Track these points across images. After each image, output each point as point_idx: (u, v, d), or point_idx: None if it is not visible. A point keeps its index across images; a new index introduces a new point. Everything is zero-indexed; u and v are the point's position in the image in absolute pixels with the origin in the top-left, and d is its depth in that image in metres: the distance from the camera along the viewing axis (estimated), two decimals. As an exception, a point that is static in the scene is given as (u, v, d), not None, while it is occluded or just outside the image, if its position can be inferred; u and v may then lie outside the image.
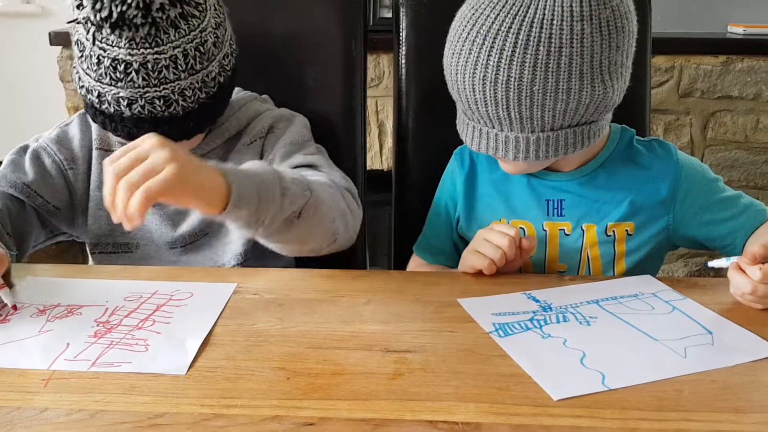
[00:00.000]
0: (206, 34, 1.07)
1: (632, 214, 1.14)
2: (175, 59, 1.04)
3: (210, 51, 1.08)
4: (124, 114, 1.06)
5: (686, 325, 0.90)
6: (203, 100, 1.10)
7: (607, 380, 0.76)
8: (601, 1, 0.95)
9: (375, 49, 2.32)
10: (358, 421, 0.70)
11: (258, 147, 1.24)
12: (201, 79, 1.08)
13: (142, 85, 1.03)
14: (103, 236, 1.23)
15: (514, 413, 0.71)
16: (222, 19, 1.13)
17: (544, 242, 1.17)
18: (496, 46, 0.96)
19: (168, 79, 1.04)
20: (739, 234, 1.14)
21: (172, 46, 1.03)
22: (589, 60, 0.96)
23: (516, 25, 0.95)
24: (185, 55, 1.05)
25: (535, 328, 0.88)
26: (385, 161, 2.50)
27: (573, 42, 0.95)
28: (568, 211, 1.16)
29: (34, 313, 0.91)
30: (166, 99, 1.05)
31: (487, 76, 0.97)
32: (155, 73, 1.03)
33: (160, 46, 1.02)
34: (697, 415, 0.71)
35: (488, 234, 1.06)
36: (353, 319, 0.91)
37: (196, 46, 1.06)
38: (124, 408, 0.72)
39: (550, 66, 0.95)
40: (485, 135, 1.04)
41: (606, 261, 1.15)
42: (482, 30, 0.97)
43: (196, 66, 1.07)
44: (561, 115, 0.99)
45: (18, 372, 0.79)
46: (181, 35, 1.04)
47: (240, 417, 0.70)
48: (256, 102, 1.30)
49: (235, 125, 1.24)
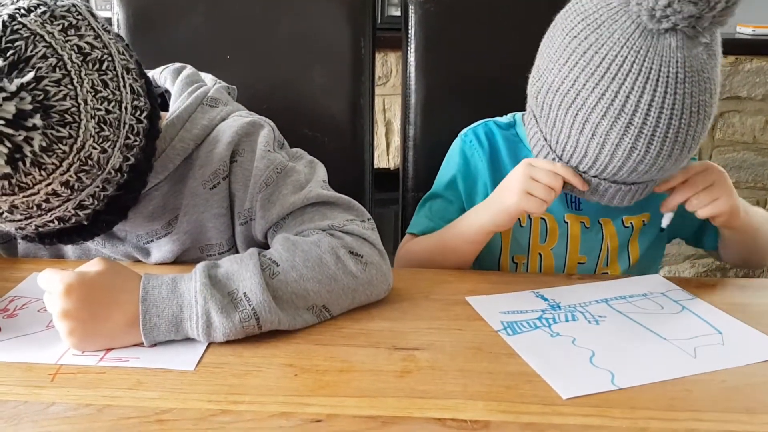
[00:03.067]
0: (87, 149, 0.79)
1: (646, 206, 1.14)
2: (54, 192, 0.80)
3: (98, 159, 0.81)
4: (19, 235, 0.90)
5: (696, 325, 0.89)
6: (113, 194, 0.88)
7: (617, 379, 0.76)
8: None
9: (382, 48, 2.32)
10: (366, 418, 0.70)
11: (224, 191, 1.01)
12: (100, 183, 0.84)
13: (23, 218, 0.82)
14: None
15: (524, 411, 0.71)
16: (111, 99, 0.82)
17: (566, 234, 1.16)
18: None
19: (53, 206, 0.82)
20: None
21: (44, 185, 0.78)
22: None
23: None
24: (65, 183, 0.80)
25: (543, 326, 0.88)
26: (391, 160, 2.50)
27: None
28: (585, 205, 1.16)
29: (41, 308, 0.91)
30: (60, 218, 0.84)
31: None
32: (33, 209, 0.81)
33: (27, 190, 0.77)
34: (707, 415, 0.71)
35: (536, 173, 1.00)
36: (360, 316, 0.91)
37: (77, 169, 0.80)
38: (132, 403, 0.72)
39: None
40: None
41: (622, 250, 1.16)
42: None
43: (86, 181, 0.82)
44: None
45: (25, 366, 0.78)
46: (50, 171, 0.77)
47: (247, 413, 0.70)
48: (201, 112, 1.03)
49: (180, 151, 0.99)
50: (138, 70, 0.89)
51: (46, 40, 0.76)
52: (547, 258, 1.15)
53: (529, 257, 1.16)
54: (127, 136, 0.85)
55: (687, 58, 0.89)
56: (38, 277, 0.83)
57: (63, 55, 0.77)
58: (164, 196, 1.00)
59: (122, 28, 1.42)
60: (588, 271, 1.17)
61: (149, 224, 1.02)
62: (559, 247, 1.16)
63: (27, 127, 0.73)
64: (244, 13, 1.30)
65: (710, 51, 0.91)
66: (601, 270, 1.17)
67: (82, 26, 0.81)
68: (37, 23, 0.76)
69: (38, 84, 0.74)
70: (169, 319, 0.81)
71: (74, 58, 0.78)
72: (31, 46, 0.74)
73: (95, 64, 0.80)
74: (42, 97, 0.74)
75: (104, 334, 0.81)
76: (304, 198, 0.97)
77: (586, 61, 0.92)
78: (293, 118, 1.35)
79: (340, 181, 1.08)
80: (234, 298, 0.82)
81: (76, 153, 0.78)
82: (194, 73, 1.10)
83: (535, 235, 1.15)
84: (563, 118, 0.96)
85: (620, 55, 0.90)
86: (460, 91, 1.43)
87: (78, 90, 0.77)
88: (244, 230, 1.02)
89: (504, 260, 1.17)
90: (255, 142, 1.02)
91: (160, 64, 1.13)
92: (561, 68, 0.95)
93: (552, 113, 0.98)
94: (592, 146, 0.95)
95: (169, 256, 1.03)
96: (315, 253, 0.88)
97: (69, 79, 0.77)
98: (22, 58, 0.74)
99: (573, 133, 0.96)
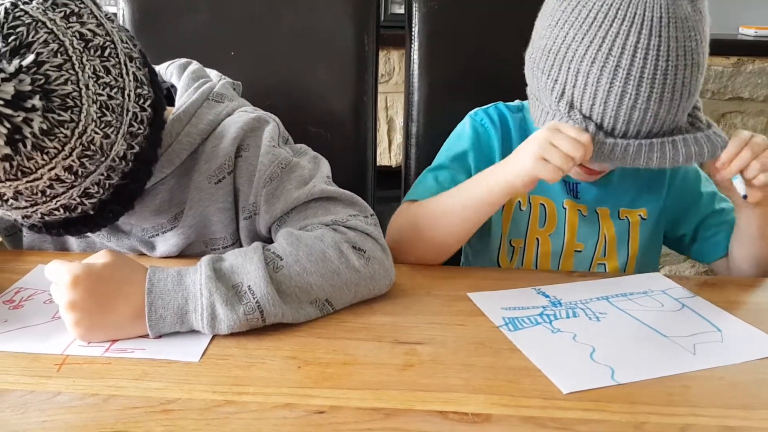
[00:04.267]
0: (89, 134, 0.80)
1: (642, 202, 1.15)
2: (57, 177, 0.80)
3: (101, 144, 0.82)
4: (25, 224, 0.91)
5: (695, 322, 0.90)
6: (118, 183, 0.88)
7: (617, 375, 0.77)
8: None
9: (385, 45, 2.33)
10: (369, 410, 0.70)
11: (229, 186, 1.02)
12: (105, 170, 0.85)
13: (28, 205, 0.82)
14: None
15: (524, 405, 0.71)
16: (113, 86, 0.83)
17: (564, 221, 1.17)
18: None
19: (57, 193, 0.82)
20: (723, 227, 1.17)
21: (46, 170, 0.78)
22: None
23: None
24: (68, 169, 0.80)
25: (545, 322, 0.89)
26: (393, 157, 2.51)
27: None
28: (583, 194, 1.17)
29: (47, 300, 0.92)
30: (66, 207, 0.85)
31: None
32: (37, 195, 0.81)
33: (30, 174, 0.78)
34: (706, 411, 0.71)
35: (557, 139, 0.97)
36: (363, 310, 0.91)
37: (80, 154, 0.80)
38: (137, 393, 0.72)
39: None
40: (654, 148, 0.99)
41: (621, 244, 1.16)
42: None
43: (90, 167, 0.82)
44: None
45: (32, 356, 0.79)
46: (53, 155, 0.78)
47: (251, 404, 0.71)
48: (207, 108, 1.04)
49: (187, 145, 1.00)
50: (142, 59, 0.90)
51: (47, 27, 0.77)
52: (545, 244, 1.16)
53: (526, 242, 1.17)
54: (131, 123, 0.86)
55: (670, 6, 0.94)
56: (45, 268, 0.84)
57: (64, 41, 0.78)
58: (170, 190, 1.01)
59: (127, 23, 1.43)
60: (586, 259, 1.17)
61: (155, 218, 1.02)
62: (557, 233, 1.16)
63: (26, 108, 0.74)
64: (249, 10, 1.30)
65: (695, 6, 0.96)
66: (598, 260, 1.17)
67: (84, 14, 0.82)
68: (39, 10, 0.77)
69: (39, 68, 0.75)
70: (174, 311, 0.82)
71: (75, 44, 0.79)
72: (32, 32, 0.75)
73: (97, 51, 0.81)
74: (43, 81, 0.75)
75: (110, 326, 0.82)
76: (308, 193, 0.98)
77: (574, 16, 0.97)
78: (296, 114, 1.35)
79: (342, 177, 1.08)
80: (238, 291, 0.83)
81: (77, 137, 0.79)
82: (200, 69, 1.11)
83: (534, 220, 1.16)
84: (556, 76, 1.00)
85: (606, 4, 0.95)
86: (463, 88, 1.43)
87: (79, 75, 0.78)
88: (248, 225, 1.03)
89: (503, 244, 1.18)
90: (260, 138, 1.03)
91: (165, 60, 1.14)
92: (552, 29, 1.00)
93: (548, 78, 1.01)
94: (586, 96, 0.97)
95: (174, 249, 1.04)
96: (318, 247, 0.89)
97: (70, 64, 0.78)
98: (23, 44, 0.75)
99: (567, 89, 0.99)
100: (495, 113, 1.21)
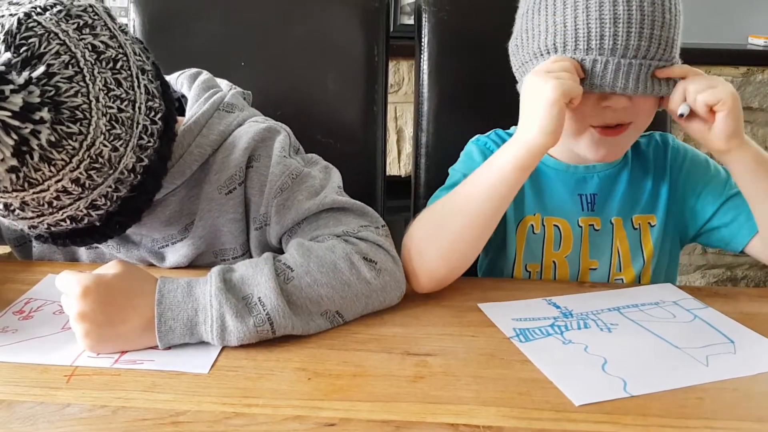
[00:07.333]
0: (97, 147, 0.79)
1: (652, 208, 1.15)
2: (64, 189, 0.80)
3: (110, 157, 0.82)
4: (32, 234, 0.90)
5: (708, 334, 0.89)
6: (126, 195, 0.88)
7: (629, 387, 0.76)
8: None
9: (395, 56, 2.33)
10: (380, 422, 0.70)
11: (240, 196, 1.02)
12: (113, 183, 0.84)
13: (35, 216, 0.82)
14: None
15: (536, 418, 0.71)
16: (124, 98, 0.83)
17: (579, 239, 1.16)
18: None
19: (64, 204, 0.82)
20: (742, 215, 1.11)
21: (53, 181, 0.78)
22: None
23: None
24: (75, 181, 0.80)
25: (556, 333, 0.88)
26: (403, 167, 2.51)
27: None
28: (600, 206, 1.16)
29: (57, 311, 0.92)
30: (73, 218, 0.84)
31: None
32: (44, 206, 0.80)
33: (37, 185, 0.77)
34: (719, 423, 0.71)
35: (546, 67, 0.97)
36: (373, 321, 0.91)
37: (87, 166, 0.80)
38: (146, 405, 0.72)
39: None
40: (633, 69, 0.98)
41: (636, 254, 1.15)
42: None
43: (97, 179, 0.82)
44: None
45: (41, 368, 0.79)
46: (60, 167, 0.77)
47: (261, 416, 0.71)
48: (218, 118, 1.03)
49: (198, 156, 0.99)
50: (155, 71, 0.90)
51: (60, 38, 0.77)
52: (562, 266, 1.15)
53: (543, 265, 1.16)
54: (141, 136, 0.86)
55: None
56: (56, 279, 0.84)
57: (76, 52, 0.78)
58: (181, 201, 1.01)
59: (138, 33, 1.43)
60: (601, 277, 1.16)
61: (166, 229, 1.02)
62: (573, 254, 1.16)
63: (34, 120, 0.74)
64: (259, 20, 1.31)
65: None
66: (615, 276, 1.16)
67: (98, 26, 0.82)
68: (52, 21, 0.77)
69: (50, 80, 0.75)
70: (184, 323, 0.82)
71: (87, 56, 0.79)
72: (44, 43, 0.76)
73: (109, 63, 0.81)
74: (53, 92, 0.75)
75: (120, 337, 0.82)
76: (319, 204, 0.98)
77: None
78: (306, 124, 1.35)
79: (351, 187, 1.08)
80: (248, 303, 0.83)
81: (86, 150, 0.79)
82: (210, 79, 1.11)
83: (549, 243, 1.15)
84: (537, 28, 1.03)
85: None
86: (472, 99, 1.43)
87: (90, 87, 0.78)
88: (259, 235, 1.03)
89: (517, 269, 1.17)
90: (271, 148, 1.03)
91: (175, 70, 1.14)
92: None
93: (530, 38, 1.05)
94: (569, 21, 0.98)
95: (184, 260, 1.04)
96: (329, 258, 0.89)
97: (81, 76, 0.78)
98: (35, 55, 0.75)
99: (548, 24, 1.01)
100: (496, 138, 1.22)
